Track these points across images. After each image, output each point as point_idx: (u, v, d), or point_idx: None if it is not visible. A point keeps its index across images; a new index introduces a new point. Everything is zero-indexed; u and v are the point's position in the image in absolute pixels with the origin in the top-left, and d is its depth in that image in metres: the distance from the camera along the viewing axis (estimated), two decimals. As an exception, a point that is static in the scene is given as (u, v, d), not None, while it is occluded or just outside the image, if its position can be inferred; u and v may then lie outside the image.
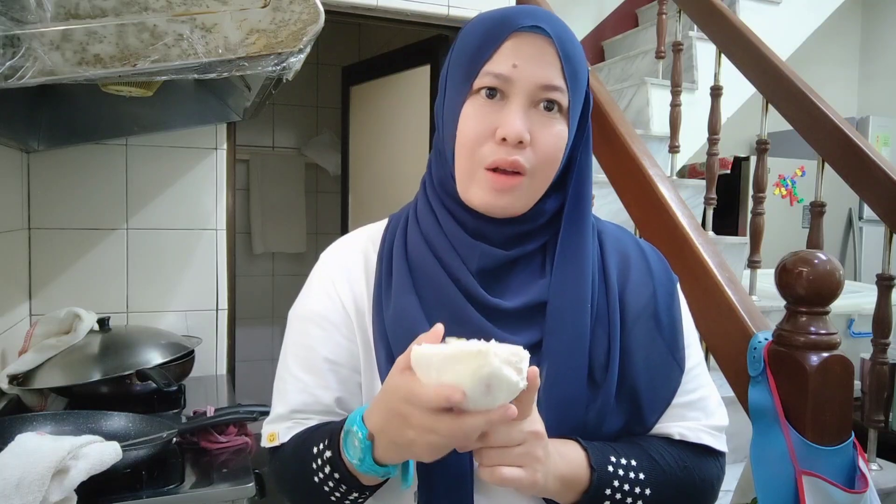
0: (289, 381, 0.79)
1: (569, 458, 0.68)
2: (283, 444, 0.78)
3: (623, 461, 0.71)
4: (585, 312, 0.73)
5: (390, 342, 0.74)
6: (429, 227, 0.77)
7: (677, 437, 0.76)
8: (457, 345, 0.57)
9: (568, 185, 0.76)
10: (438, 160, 0.78)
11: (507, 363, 0.56)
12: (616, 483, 0.69)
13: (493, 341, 0.58)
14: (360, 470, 0.66)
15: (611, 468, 0.70)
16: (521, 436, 0.61)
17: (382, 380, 0.73)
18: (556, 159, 0.73)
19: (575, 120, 0.74)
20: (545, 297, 0.74)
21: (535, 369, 0.60)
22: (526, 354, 0.58)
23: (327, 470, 0.69)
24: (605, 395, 0.72)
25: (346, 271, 0.80)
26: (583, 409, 0.72)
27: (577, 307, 0.73)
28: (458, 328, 0.72)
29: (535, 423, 0.62)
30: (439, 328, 0.60)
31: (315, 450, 0.71)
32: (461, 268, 0.74)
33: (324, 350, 0.77)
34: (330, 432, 0.71)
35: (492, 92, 0.71)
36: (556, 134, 0.72)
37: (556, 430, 0.70)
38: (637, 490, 0.70)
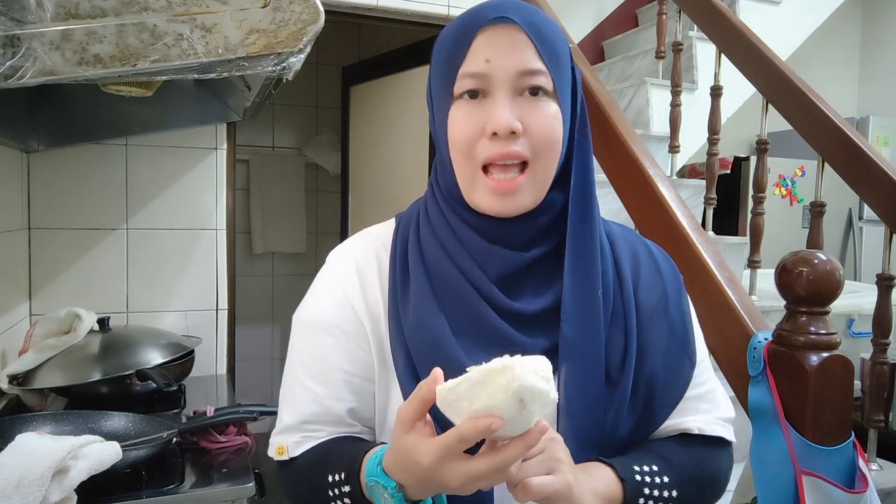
0: (298, 391, 0.77)
1: (598, 476, 0.69)
2: (293, 459, 0.76)
3: (646, 468, 0.72)
4: (597, 307, 0.73)
5: (410, 350, 0.72)
6: (444, 234, 0.75)
7: (696, 432, 0.77)
8: (479, 368, 0.56)
9: (571, 172, 0.75)
10: (443, 169, 0.77)
11: (532, 373, 0.55)
12: (647, 490, 0.70)
13: (517, 356, 0.56)
14: None
15: (638, 477, 0.70)
16: (540, 444, 0.61)
17: (402, 388, 0.72)
18: (555, 141, 0.71)
19: (566, 101, 0.73)
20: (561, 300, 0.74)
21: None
22: (548, 363, 0.57)
23: (347, 501, 0.68)
24: (622, 394, 0.73)
25: (358, 276, 0.77)
26: (602, 409, 0.72)
27: (589, 303, 0.73)
28: (481, 334, 0.72)
29: (549, 430, 0.62)
30: (438, 371, 0.59)
31: (331, 479, 0.69)
32: (480, 275, 0.73)
33: (337, 360, 0.75)
34: (347, 464, 0.69)
35: (473, 92, 0.70)
36: (550, 115, 0.70)
37: (578, 431, 0.70)
38: (665, 493, 0.71)
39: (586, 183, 0.75)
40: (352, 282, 0.77)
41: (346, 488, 0.68)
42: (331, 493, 0.69)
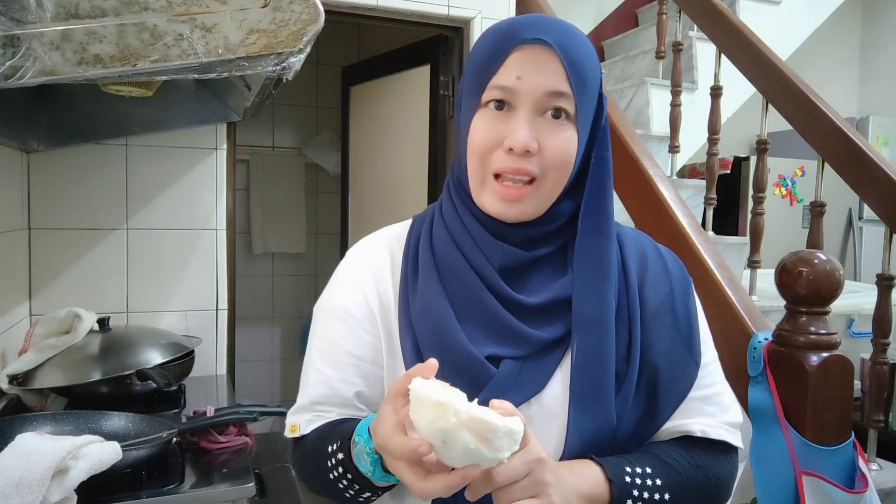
0: (311, 373, 0.82)
1: (586, 475, 0.70)
2: (303, 436, 0.81)
3: (638, 469, 0.72)
4: (610, 313, 0.75)
5: (417, 334, 0.76)
6: (454, 225, 0.79)
7: (699, 434, 0.77)
8: (432, 390, 0.57)
9: (584, 187, 0.78)
10: (458, 164, 0.80)
11: (467, 427, 0.55)
12: (636, 492, 0.71)
13: (475, 402, 0.57)
14: (373, 479, 0.68)
15: (628, 478, 0.71)
16: (525, 467, 0.61)
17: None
18: (566, 164, 0.74)
19: (586, 124, 0.75)
20: (566, 294, 0.76)
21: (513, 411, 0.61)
22: (501, 426, 0.57)
23: (340, 470, 0.72)
24: (627, 388, 0.74)
25: (371, 267, 0.82)
26: (612, 402, 0.73)
27: (602, 308, 0.75)
28: (484, 321, 0.75)
29: (535, 450, 0.63)
30: (433, 362, 0.62)
31: (329, 449, 0.74)
32: (485, 264, 0.76)
33: (346, 344, 0.79)
34: (342, 434, 0.73)
35: (499, 104, 0.73)
36: (565, 140, 0.73)
37: (589, 429, 0.72)
38: (657, 496, 0.72)
39: (600, 200, 0.78)
40: (364, 271, 0.82)
41: (340, 456, 0.72)
42: (328, 463, 0.73)
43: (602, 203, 0.78)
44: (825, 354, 1.19)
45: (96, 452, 0.98)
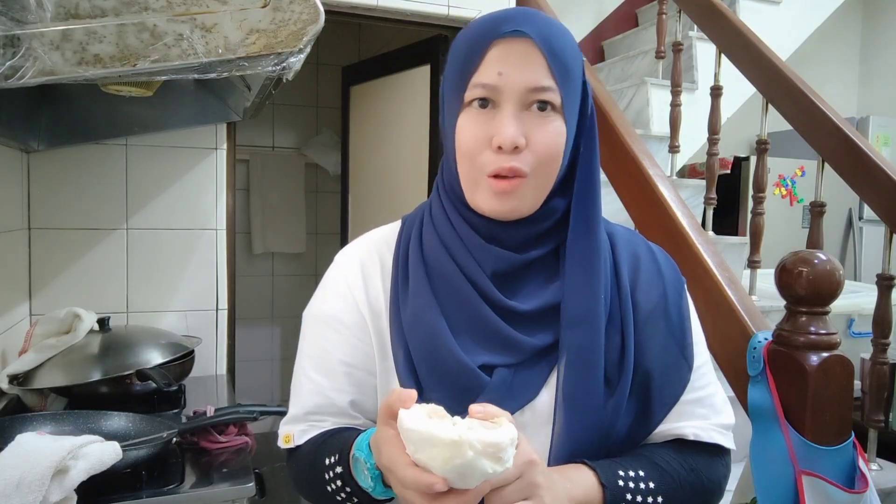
0: (304, 382, 0.80)
1: (579, 481, 0.69)
2: (298, 447, 0.79)
3: (631, 473, 0.72)
4: (599, 311, 0.74)
5: (408, 344, 0.74)
6: (444, 230, 0.77)
7: (692, 438, 0.77)
8: (437, 428, 0.56)
9: (573, 180, 0.76)
10: (447, 167, 0.79)
11: (483, 454, 0.55)
12: (629, 496, 0.70)
13: (476, 424, 0.57)
14: (373, 495, 0.67)
15: (621, 482, 0.70)
16: (516, 469, 0.61)
17: (401, 381, 0.74)
18: (556, 156, 0.73)
19: (573, 115, 0.74)
20: (558, 299, 0.74)
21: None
22: (508, 441, 0.57)
23: (339, 483, 0.71)
24: (620, 393, 0.73)
25: (361, 273, 0.80)
26: (602, 408, 0.72)
27: (591, 307, 0.74)
28: (477, 329, 0.74)
29: (526, 452, 0.62)
30: (412, 394, 0.60)
31: (327, 461, 0.72)
32: (477, 270, 0.75)
33: (339, 353, 0.78)
34: (340, 446, 0.72)
35: (483, 102, 0.71)
36: (553, 132, 0.71)
37: (576, 430, 0.71)
38: (650, 499, 0.71)
39: (590, 193, 0.77)
40: (355, 277, 0.80)
41: (339, 469, 0.71)
42: (326, 476, 0.72)
43: (592, 199, 0.77)
44: (825, 354, 1.19)
45: (96, 452, 0.98)
